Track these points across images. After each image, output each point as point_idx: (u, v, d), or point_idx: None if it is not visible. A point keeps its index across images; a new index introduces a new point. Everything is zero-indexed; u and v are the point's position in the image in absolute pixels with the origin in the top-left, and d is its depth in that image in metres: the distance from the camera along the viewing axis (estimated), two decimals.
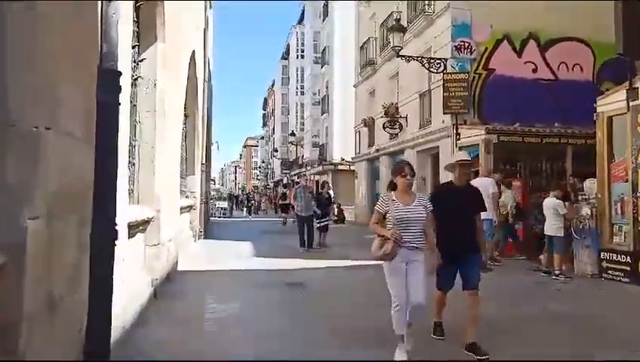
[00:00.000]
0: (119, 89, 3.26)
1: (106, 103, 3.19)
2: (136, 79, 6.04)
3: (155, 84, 6.39)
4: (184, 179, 12.69)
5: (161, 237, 6.44)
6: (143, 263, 6.16)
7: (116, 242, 3.29)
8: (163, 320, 5.36)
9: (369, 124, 20.87)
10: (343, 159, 29.24)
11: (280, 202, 27.59)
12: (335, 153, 30.91)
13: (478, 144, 12.54)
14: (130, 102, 5.84)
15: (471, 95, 13.44)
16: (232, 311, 6.02)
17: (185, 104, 12.15)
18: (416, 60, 13.84)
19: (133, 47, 5.84)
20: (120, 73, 3.29)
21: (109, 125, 3.21)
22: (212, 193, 48.97)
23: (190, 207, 12.89)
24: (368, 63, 21.03)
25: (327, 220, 13.13)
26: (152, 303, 5.86)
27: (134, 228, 5.46)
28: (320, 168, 33.05)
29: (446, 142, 13.90)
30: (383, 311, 6.05)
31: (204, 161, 14.23)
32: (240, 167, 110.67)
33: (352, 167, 26.17)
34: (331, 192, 16.76)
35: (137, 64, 6.16)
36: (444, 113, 13.57)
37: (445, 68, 13.60)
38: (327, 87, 33.62)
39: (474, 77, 13.62)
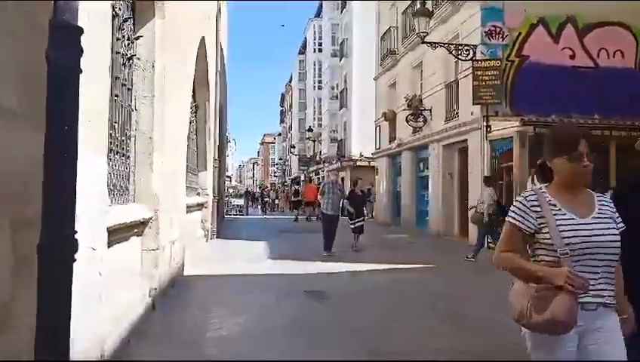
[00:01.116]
0: (80, 49, 2.43)
1: (60, 66, 2.37)
2: (130, 58, 5.24)
3: (153, 65, 5.58)
4: (195, 175, 11.95)
5: (160, 240, 5.63)
6: (140, 271, 5.37)
7: (77, 255, 2.48)
8: (157, 340, 4.56)
9: (390, 117, 19.90)
10: (362, 155, 28.31)
11: (292, 199, 27.07)
12: (354, 149, 29.98)
13: (511, 137, 11.58)
14: (123, 84, 5.06)
15: (503, 84, 12.39)
16: (239, 326, 5.19)
17: (194, 94, 11.41)
18: (443, 47, 12.85)
19: (126, 20, 5.03)
20: (81, 30, 2.47)
21: (66, 97, 2.40)
22: (229, 190, 48.61)
23: (201, 205, 12.15)
24: (389, 54, 20.03)
25: (362, 220, 11.81)
26: (148, 317, 5.07)
27: (125, 231, 4.67)
28: (338, 164, 32.16)
29: (475, 135, 12.89)
30: (414, 324, 5.18)
31: (216, 156, 13.46)
32: (257, 164, 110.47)
33: (371, 163, 25.26)
34: (374, 189, 15.62)
35: (132, 42, 5.35)
36: (473, 104, 12.55)
37: (474, 55, 12.58)
38: (345, 81, 32.67)
39: (506, 64, 12.55)
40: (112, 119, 4.67)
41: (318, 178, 41.99)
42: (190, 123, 10.84)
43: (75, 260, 2.45)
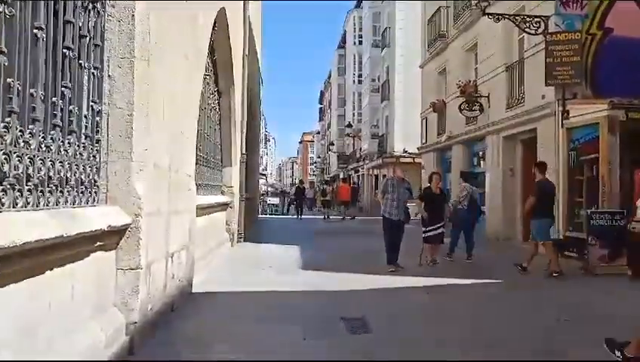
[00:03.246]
0: None
1: None
2: (95, 1, 3.71)
3: (132, 15, 4.04)
4: (218, 170, 10.50)
5: (143, 255, 4.09)
6: (112, 300, 3.86)
7: None
8: None
9: (439, 108, 17.93)
10: (406, 150, 26.40)
11: (321, 198, 26.46)
12: (396, 144, 28.08)
13: (596, 123, 9.52)
14: (83, 36, 3.55)
15: (583, 61, 10.31)
16: None
17: (217, 78, 9.96)
18: (509, 19, 10.87)
19: None
20: None
21: None
22: (267, 189, 47.38)
23: (226, 205, 10.70)
24: (438, 37, 18.04)
25: (442, 227, 9.06)
26: None
27: (78, 245, 3.17)
28: (379, 161, 30.36)
29: (547, 122, 10.83)
30: None
31: (244, 151, 11.97)
32: (297, 163, 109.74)
33: (416, 160, 23.39)
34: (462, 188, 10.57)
35: None
36: (547, 84, 10.49)
37: (546, 28, 10.56)
38: (387, 72, 30.76)
39: (586, 38, 10.47)
40: (57, 85, 3.18)
41: (358, 176, 40.26)
42: (211, 110, 9.40)
43: None
